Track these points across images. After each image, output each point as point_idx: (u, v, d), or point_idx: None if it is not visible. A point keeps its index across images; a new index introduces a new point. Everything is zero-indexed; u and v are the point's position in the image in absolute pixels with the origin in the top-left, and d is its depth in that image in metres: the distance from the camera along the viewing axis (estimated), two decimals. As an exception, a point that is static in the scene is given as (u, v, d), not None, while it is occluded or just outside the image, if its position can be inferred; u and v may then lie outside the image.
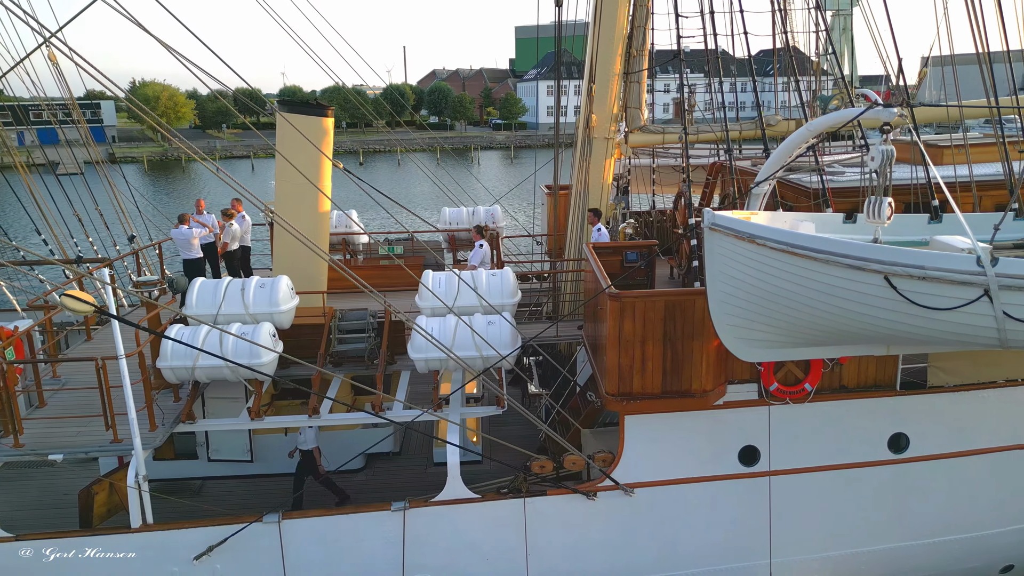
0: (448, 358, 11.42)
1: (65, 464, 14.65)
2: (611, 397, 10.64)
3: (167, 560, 10.67)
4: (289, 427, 13.80)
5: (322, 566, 11.00)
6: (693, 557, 11.40)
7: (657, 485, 11.17)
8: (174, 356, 11.15)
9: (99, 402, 11.62)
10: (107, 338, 14.91)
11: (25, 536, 10.48)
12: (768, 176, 9.90)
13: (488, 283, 12.42)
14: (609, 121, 14.88)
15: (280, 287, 12.30)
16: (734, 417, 11.11)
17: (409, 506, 10.98)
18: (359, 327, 12.76)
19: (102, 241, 22.14)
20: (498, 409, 11.84)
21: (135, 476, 10.49)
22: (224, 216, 16.79)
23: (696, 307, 10.22)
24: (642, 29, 14.89)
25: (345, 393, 15.20)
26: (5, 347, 11.18)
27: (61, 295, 8.26)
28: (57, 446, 10.75)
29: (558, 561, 11.25)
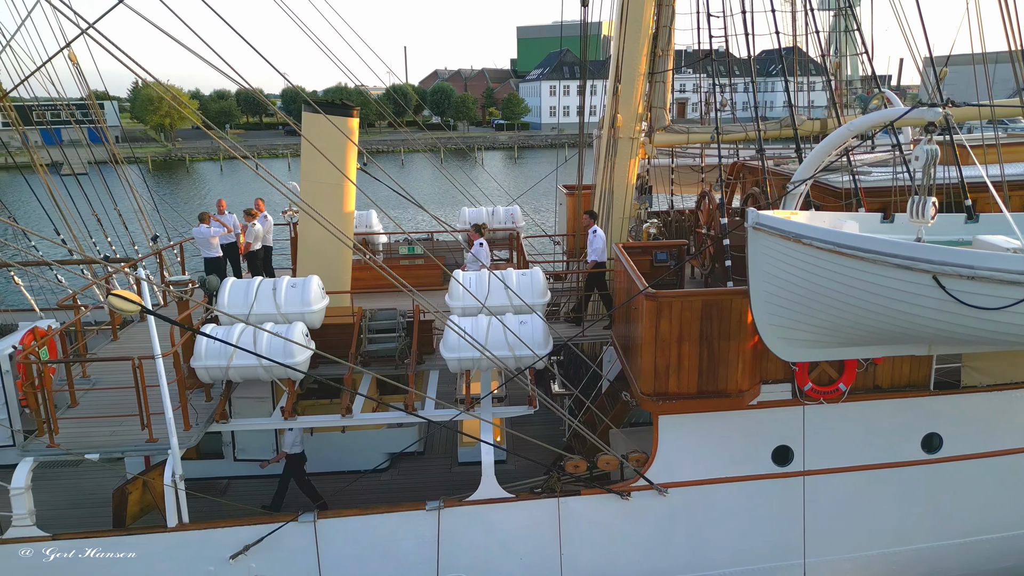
0: (481, 358, 11.45)
1: (90, 464, 14.69)
2: (646, 397, 10.64)
3: (203, 559, 10.68)
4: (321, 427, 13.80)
5: (356, 566, 11.01)
6: (727, 557, 11.41)
7: (690, 485, 11.17)
8: (208, 355, 11.16)
9: (129, 402, 11.66)
10: (132, 338, 14.94)
11: (62, 535, 10.49)
12: (807, 176, 9.91)
13: (519, 283, 12.42)
14: (634, 121, 14.89)
15: (311, 287, 12.31)
16: (767, 417, 11.11)
17: (444, 505, 10.99)
18: (389, 327, 12.77)
19: (120, 240, 22.19)
20: (529, 409, 11.86)
21: (172, 476, 10.50)
22: (247, 216, 16.81)
23: (733, 307, 10.23)
24: (667, 29, 14.88)
25: (371, 394, 15.24)
26: (39, 347, 11.21)
27: (108, 295, 8.26)
28: (92, 446, 10.76)
29: (591, 561, 11.25)
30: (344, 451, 14.47)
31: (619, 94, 14.48)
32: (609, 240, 15.34)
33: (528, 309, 12.17)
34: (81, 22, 8.14)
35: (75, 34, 9.54)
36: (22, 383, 10.84)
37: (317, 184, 15.19)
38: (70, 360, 11.78)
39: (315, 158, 15.05)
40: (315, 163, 15.18)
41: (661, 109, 15.33)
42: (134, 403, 11.63)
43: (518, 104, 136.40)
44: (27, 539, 10.34)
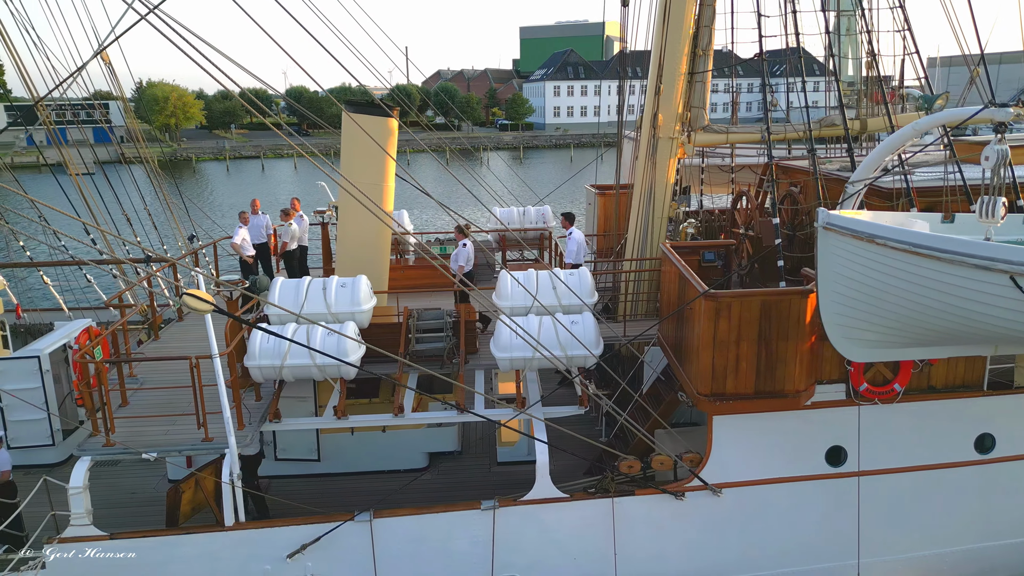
0: (533, 358, 11.45)
1: (127, 464, 14.72)
2: (704, 398, 10.64)
3: (260, 558, 10.69)
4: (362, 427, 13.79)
5: (412, 565, 11.01)
6: (780, 557, 11.41)
7: (744, 485, 11.18)
8: (262, 355, 11.17)
9: (176, 401, 11.68)
10: (172, 338, 14.94)
11: (120, 535, 10.50)
12: (867, 175, 9.91)
13: (567, 282, 12.41)
14: (674, 120, 14.89)
15: (361, 287, 12.33)
16: (821, 417, 11.12)
17: (499, 505, 11.00)
18: (437, 326, 12.78)
19: (149, 240, 22.19)
20: (580, 409, 11.87)
21: (230, 475, 10.50)
22: (283, 216, 16.83)
23: (792, 306, 10.24)
24: (708, 29, 14.88)
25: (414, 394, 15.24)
26: (94, 347, 11.22)
27: (182, 294, 8.26)
28: (146, 445, 10.76)
29: (645, 561, 11.26)
30: (385, 451, 14.48)
31: (661, 93, 14.45)
32: (648, 241, 15.37)
33: (577, 309, 12.19)
34: (141, 7, 8.10)
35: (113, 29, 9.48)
36: (78, 382, 10.84)
37: (358, 184, 15.19)
38: (130, 359, 11.82)
39: (355, 158, 15.09)
40: (355, 163, 15.20)
41: (700, 109, 15.32)
42: (181, 402, 11.67)
43: (522, 104, 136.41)
44: (85, 538, 10.33)
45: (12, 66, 17.65)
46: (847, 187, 10.15)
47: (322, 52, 9.44)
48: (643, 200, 15.25)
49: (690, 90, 15.17)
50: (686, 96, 15.05)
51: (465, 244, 14.73)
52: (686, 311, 11.06)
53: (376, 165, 14.96)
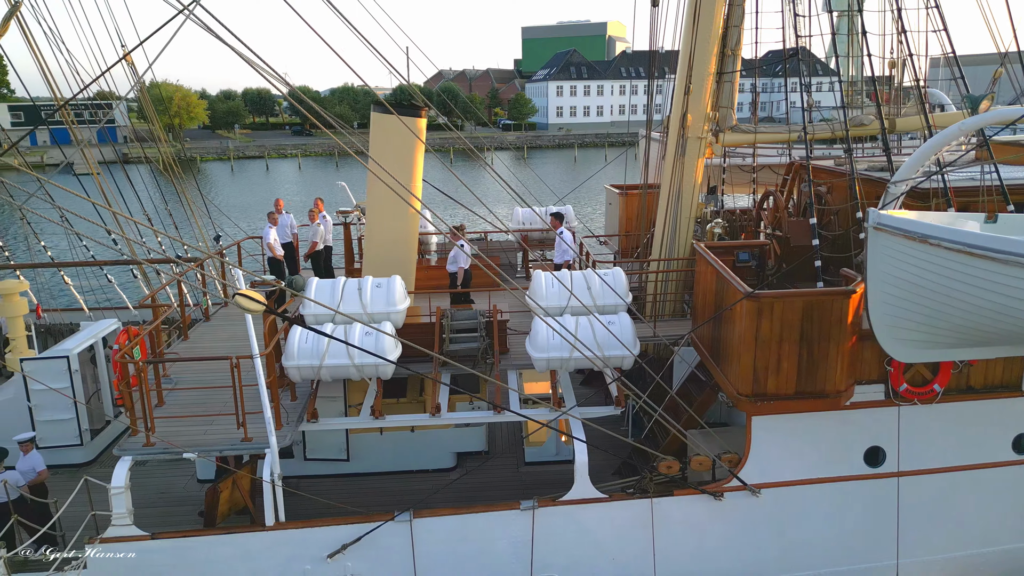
0: (570, 358, 11.45)
1: (155, 464, 14.71)
2: (744, 398, 10.64)
3: (300, 558, 10.69)
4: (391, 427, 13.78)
5: (451, 565, 11.01)
6: (818, 557, 11.42)
7: (783, 486, 11.18)
8: (301, 355, 11.17)
9: (210, 401, 11.68)
10: (201, 338, 14.93)
11: (161, 534, 10.50)
12: (910, 176, 9.91)
13: (601, 284, 12.41)
14: (703, 120, 14.89)
15: (396, 287, 12.32)
16: (860, 418, 11.12)
17: (538, 505, 10.99)
18: (470, 326, 12.77)
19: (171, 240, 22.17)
20: (616, 409, 11.87)
21: (270, 475, 10.50)
22: (311, 216, 16.86)
23: (834, 307, 10.23)
24: (736, 29, 14.87)
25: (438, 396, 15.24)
26: (132, 347, 11.22)
27: (235, 295, 8.25)
28: (184, 444, 10.75)
29: (684, 561, 11.26)
30: (413, 451, 14.48)
31: (690, 93, 14.45)
32: (676, 241, 15.36)
33: (612, 309, 12.19)
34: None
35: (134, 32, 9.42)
36: (118, 382, 10.84)
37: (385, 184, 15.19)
38: (173, 359, 11.83)
39: (383, 158, 15.07)
40: (383, 163, 15.19)
41: (728, 109, 15.32)
42: (213, 402, 11.68)
43: (525, 104, 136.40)
44: (126, 538, 10.34)
45: (36, 66, 17.64)
46: (889, 187, 10.14)
47: (322, 52, 9.36)
48: (671, 200, 15.25)
49: (718, 90, 15.17)
50: (714, 96, 15.05)
51: (463, 244, 14.75)
52: (731, 312, 11.04)
53: (405, 166, 14.98)
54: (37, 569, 10.08)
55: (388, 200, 15.37)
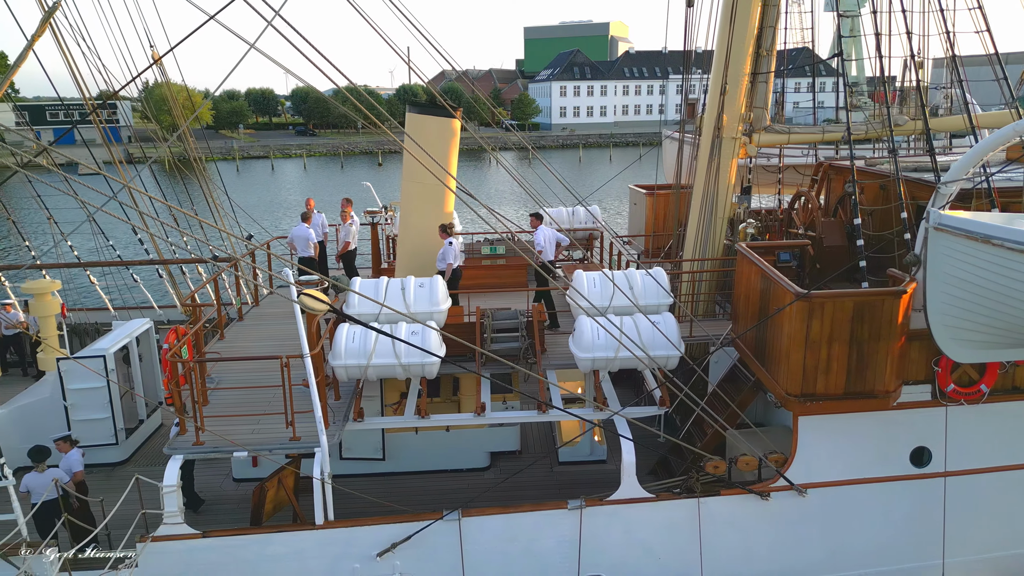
0: (615, 358, 11.48)
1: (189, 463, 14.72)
2: (793, 398, 10.66)
3: (349, 556, 10.71)
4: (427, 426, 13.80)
5: (499, 563, 11.03)
6: (864, 557, 11.44)
7: (829, 486, 11.20)
8: (348, 355, 11.19)
9: (252, 400, 11.71)
10: (238, 337, 14.93)
11: (212, 532, 10.52)
12: (960, 176, 9.93)
13: (643, 282, 12.44)
14: (737, 120, 14.93)
15: (439, 286, 12.35)
16: (906, 418, 11.14)
17: (585, 505, 11.02)
18: (511, 326, 12.79)
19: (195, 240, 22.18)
20: (661, 409, 11.90)
21: (320, 473, 10.51)
22: (342, 216, 16.89)
23: (885, 307, 10.25)
24: (771, 29, 14.91)
25: (475, 393, 15.26)
26: (180, 347, 11.24)
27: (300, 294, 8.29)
28: (232, 444, 10.76)
29: (730, 561, 11.28)
30: (448, 450, 14.50)
31: (727, 94, 14.49)
32: (710, 241, 15.40)
33: (654, 309, 12.21)
34: (267, 11, 8.12)
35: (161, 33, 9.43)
36: (168, 381, 10.87)
37: (419, 184, 15.24)
38: (222, 359, 11.88)
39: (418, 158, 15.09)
40: (418, 164, 15.22)
41: (762, 109, 15.35)
42: (257, 401, 11.71)
43: (529, 104, 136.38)
44: (177, 536, 10.35)
45: (65, 66, 17.66)
46: (940, 188, 10.17)
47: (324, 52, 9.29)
48: (704, 200, 15.28)
49: (752, 90, 15.21)
50: (749, 97, 15.09)
51: (451, 243, 14.79)
52: (772, 311, 11.06)
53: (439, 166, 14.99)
54: (89, 567, 10.09)
55: (420, 199, 15.46)
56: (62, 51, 17.34)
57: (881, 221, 14.24)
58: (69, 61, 17.56)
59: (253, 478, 14.10)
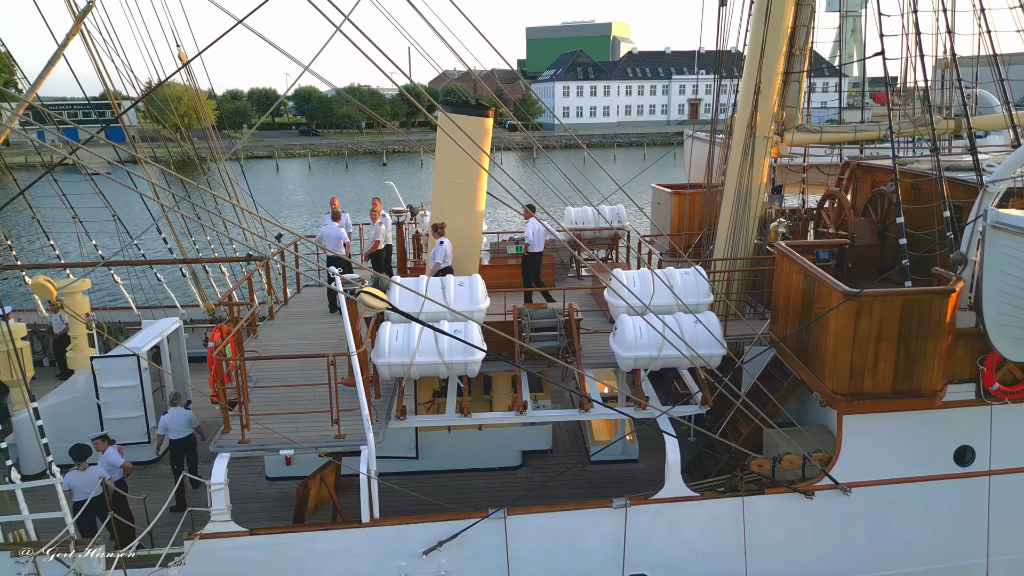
0: (658, 356, 11.47)
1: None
2: (840, 397, 10.65)
3: (396, 555, 10.70)
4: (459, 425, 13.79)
5: (543, 562, 11.03)
6: (909, 556, 11.45)
7: (873, 485, 11.21)
8: (392, 353, 11.19)
9: (294, 399, 11.71)
10: (272, 336, 14.92)
11: (259, 530, 10.51)
12: (1007, 175, 9.94)
13: (683, 281, 12.43)
14: (770, 120, 14.94)
15: (479, 285, 12.35)
16: (951, 417, 11.14)
17: (630, 503, 11.01)
18: (550, 325, 12.78)
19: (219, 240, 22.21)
20: (702, 408, 11.89)
21: (367, 471, 10.50)
22: (372, 216, 16.90)
23: (933, 306, 10.26)
24: (805, 28, 14.91)
25: (506, 392, 15.27)
26: (224, 345, 11.23)
27: (359, 292, 8.28)
28: (278, 442, 10.76)
29: (775, 560, 11.28)
30: (481, 449, 14.50)
31: (760, 92, 14.50)
32: (741, 240, 15.40)
33: (693, 308, 12.20)
34: (336, 16, 8.11)
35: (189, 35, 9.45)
36: (213, 379, 10.87)
37: (453, 183, 15.26)
38: (270, 357, 11.89)
39: (451, 157, 15.13)
40: (450, 163, 15.25)
41: (794, 108, 15.36)
42: (297, 399, 11.70)
43: (532, 104, 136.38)
44: (225, 534, 10.35)
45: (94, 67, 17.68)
46: (987, 187, 10.17)
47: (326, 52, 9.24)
48: (736, 200, 15.29)
49: (785, 90, 15.21)
50: (781, 96, 15.10)
51: (442, 242, 14.79)
52: (818, 310, 11.06)
53: (471, 165, 15.02)
54: (138, 565, 10.08)
55: (452, 198, 15.47)
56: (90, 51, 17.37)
57: (914, 220, 14.24)
58: (97, 61, 17.59)
59: (286, 477, 14.12)
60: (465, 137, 14.55)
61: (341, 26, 7.99)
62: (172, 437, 12.87)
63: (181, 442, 12.91)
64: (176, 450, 12.90)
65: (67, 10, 16.18)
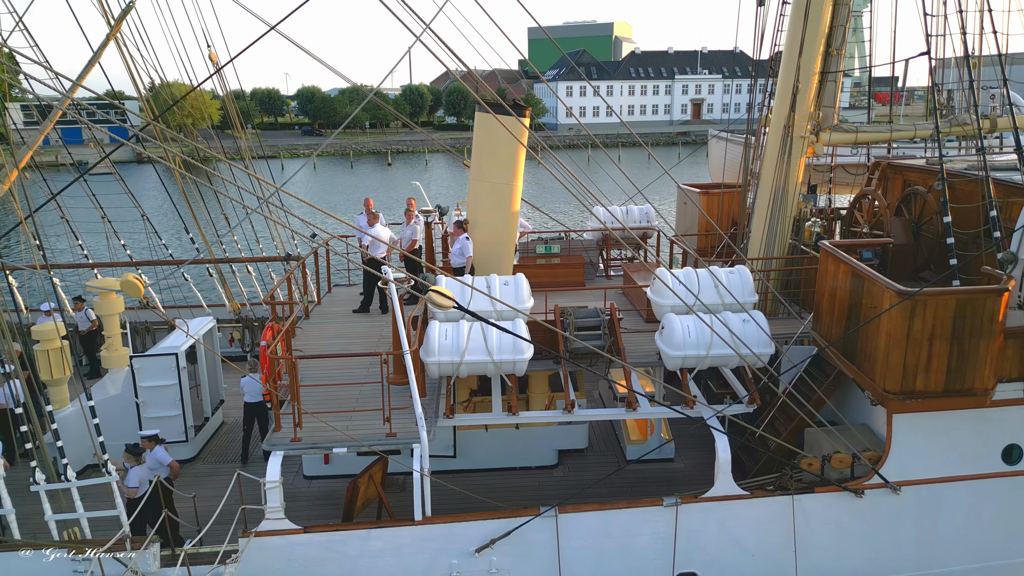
0: (706, 356, 11.50)
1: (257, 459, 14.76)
2: (892, 396, 10.68)
3: (448, 552, 10.73)
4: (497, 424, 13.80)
5: (594, 560, 11.06)
6: (957, 554, 11.48)
7: (922, 483, 11.24)
8: (442, 351, 11.22)
9: (335, 398, 11.75)
10: (310, 335, 14.93)
11: (313, 528, 10.54)
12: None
13: (728, 280, 12.46)
14: (807, 120, 14.97)
15: (523, 285, 12.39)
16: (999, 415, 11.18)
17: (680, 502, 11.05)
18: (594, 324, 12.81)
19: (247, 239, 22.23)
20: (749, 407, 11.92)
21: (419, 469, 10.53)
22: (406, 215, 16.92)
23: (986, 305, 10.29)
24: (841, 28, 14.93)
25: (543, 391, 15.28)
26: (274, 344, 11.25)
27: (427, 291, 8.31)
28: (329, 440, 10.79)
29: (824, 558, 11.32)
30: (517, 448, 14.53)
31: (799, 92, 14.53)
32: (777, 240, 15.43)
33: (739, 307, 12.24)
34: (416, 25, 8.14)
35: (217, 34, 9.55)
36: (266, 378, 10.90)
37: (489, 184, 15.27)
38: (323, 356, 11.94)
39: (487, 157, 15.16)
40: (486, 163, 15.27)
41: (830, 108, 15.38)
42: (340, 399, 11.74)
43: (535, 105, 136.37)
44: (280, 532, 10.38)
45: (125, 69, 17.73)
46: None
47: (327, 52, 9.32)
48: (772, 200, 15.30)
49: (821, 89, 15.24)
50: (818, 95, 15.13)
51: (467, 238, 14.83)
52: (868, 310, 11.08)
53: (508, 165, 15.05)
54: (194, 563, 10.11)
55: (488, 198, 15.48)
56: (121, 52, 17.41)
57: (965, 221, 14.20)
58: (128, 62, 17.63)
59: (324, 475, 14.15)
60: (502, 138, 14.63)
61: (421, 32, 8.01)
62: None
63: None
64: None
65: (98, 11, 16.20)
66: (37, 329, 13.33)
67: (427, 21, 9.12)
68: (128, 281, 9.89)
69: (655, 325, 13.70)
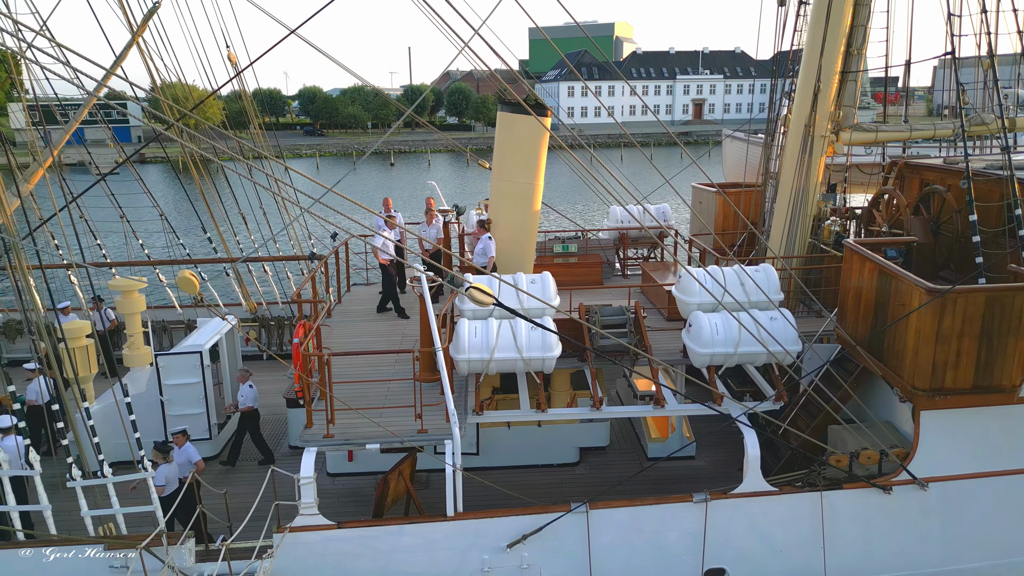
0: (733, 354, 11.57)
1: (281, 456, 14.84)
2: (921, 392, 10.75)
3: (479, 548, 10.79)
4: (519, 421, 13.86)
5: (624, 556, 11.12)
6: (985, 550, 11.55)
7: (949, 480, 11.31)
8: (471, 349, 11.29)
9: (367, 395, 11.81)
10: (334, 333, 14.98)
11: (347, 523, 10.61)
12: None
13: (755, 279, 12.52)
14: (827, 119, 15.06)
15: (550, 283, 12.45)
16: None
17: (710, 498, 11.12)
18: (619, 322, 12.88)
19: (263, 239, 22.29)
20: (776, 404, 11.99)
21: (452, 465, 10.60)
22: (426, 216, 17.00)
23: (1016, 302, 10.36)
24: (862, 28, 15.02)
25: (565, 388, 15.35)
26: (307, 341, 11.32)
27: (468, 288, 8.38)
28: (361, 436, 10.86)
29: (853, 554, 11.38)
30: (539, 445, 14.60)
31: (820, 92, 14.62)
32: (797, 239, 15.51)
33: (765, 305, 12.30)
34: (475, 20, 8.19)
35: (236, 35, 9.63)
36: (299, 375, 10.96)
37: (511, 183, 15.34)
38: (356, 352, 12.03)
39: (509, 156, 15.23)
40: (508, 162, 15.34)
41: (851, 108, 15.47)
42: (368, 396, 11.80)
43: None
44: (314, 527, 10.45)
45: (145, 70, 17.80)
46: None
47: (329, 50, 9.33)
48: (792, 199, 15.39)
49: (841, 89, 15.32)
50: (838, 95, 15.22)
51: (490, 238, 14.92)
52: (896, 307, 11.16)
53: (530, 164, 15.11)
54: (231, 558, 10.17)
55: (509, 197, 15.55)
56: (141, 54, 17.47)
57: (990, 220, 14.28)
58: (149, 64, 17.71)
59: (347, 473, 14.22)
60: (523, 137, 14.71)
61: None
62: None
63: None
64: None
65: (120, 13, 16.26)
66: (68, 327, 13.40)
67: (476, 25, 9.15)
68: (185, 278, 9.99)
69: (677, 323, 13.79)
